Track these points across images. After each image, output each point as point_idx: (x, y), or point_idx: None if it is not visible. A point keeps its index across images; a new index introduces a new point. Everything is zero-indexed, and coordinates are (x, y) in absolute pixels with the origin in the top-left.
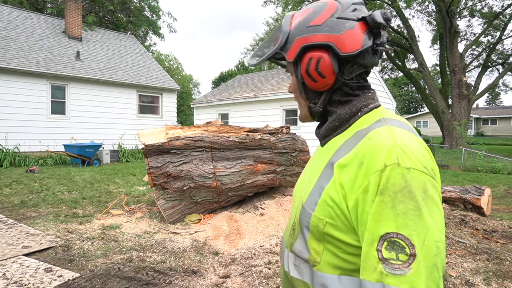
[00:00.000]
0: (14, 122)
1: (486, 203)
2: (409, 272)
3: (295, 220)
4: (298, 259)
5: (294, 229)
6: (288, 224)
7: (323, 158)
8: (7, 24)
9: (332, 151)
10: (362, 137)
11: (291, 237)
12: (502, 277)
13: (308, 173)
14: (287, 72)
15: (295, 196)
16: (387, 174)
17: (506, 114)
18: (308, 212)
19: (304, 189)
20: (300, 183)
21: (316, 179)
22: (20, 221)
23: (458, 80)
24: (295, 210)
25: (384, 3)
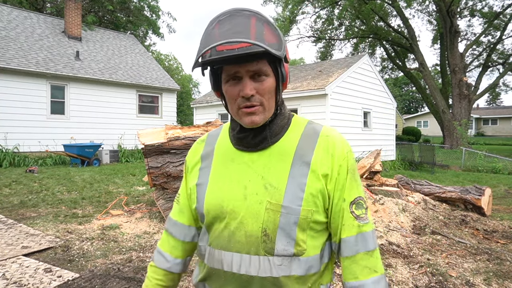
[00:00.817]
0: (14, 122)
1: (486, 203)
2: (368, 218)
3: (264, 226)
4: (282, 257)
5: (266, 235)
6: (242, 237)
7: (281, 159)
8: (6, 24)
9: (290, 151)
10: (316, 136)
11: (264, 244)
12: (502, 277)
13: (245, 180)
14: (259, 72)
15: (237, 207)
16: (349, 157)
17: (506, 114)
18: (295, 209)
19: (258, 196)
20: (232, 195)
21: (284, 180)
22: (20, 221)
23: (458, 80)
24: (257, 217)
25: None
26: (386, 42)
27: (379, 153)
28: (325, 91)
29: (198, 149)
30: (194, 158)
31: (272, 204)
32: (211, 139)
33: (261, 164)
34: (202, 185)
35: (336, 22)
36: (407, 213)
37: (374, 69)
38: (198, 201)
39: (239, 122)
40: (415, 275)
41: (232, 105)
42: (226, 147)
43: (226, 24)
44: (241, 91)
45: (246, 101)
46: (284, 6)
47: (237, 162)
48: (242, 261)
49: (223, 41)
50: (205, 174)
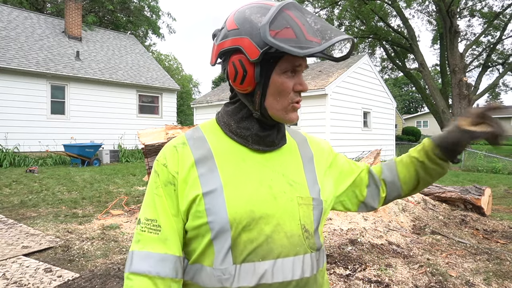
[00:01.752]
0: (14, 122)
1: (486, 203)
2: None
3: (302, 222)
4: (317, 252)
5: (306, 231)
6: (284, 240)
7: (292, 155)
8: (7, 24)
9: (296, 148)
10: (302, 135)
11: (308, 240)
12: (502, 277)
13: (267, 180)
14: (305, 67)
15: (270, 209)
16: (330, 145)
17: (506, 114)
18: (320, 200)
19: (287, 194)
20: (259, 197)
21: (303, 174)
22: (20, 221)
23: (458, 80)
24: (293, 216)
25: (384, 3)
26: (386, 42)
27: (379, 153)
28: (325, 91)
29: (184, 154)
30: (182, 165)
31: (303, 199)
32: (197, 142)
33: (277, 162)
34: (215, 192)
35: (336, 22)
36: (407, 213)
37: (374, 69)
38: (213, 212)
39: (281, 118)
40: (415, 275)
41: (282, 99)
42: (229, 148)
43: (299, 16)
44: (300, 85)
45: (299, 96)
46: None
47: (250, 162)
48: (294, 265)
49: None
50: (211, 180)
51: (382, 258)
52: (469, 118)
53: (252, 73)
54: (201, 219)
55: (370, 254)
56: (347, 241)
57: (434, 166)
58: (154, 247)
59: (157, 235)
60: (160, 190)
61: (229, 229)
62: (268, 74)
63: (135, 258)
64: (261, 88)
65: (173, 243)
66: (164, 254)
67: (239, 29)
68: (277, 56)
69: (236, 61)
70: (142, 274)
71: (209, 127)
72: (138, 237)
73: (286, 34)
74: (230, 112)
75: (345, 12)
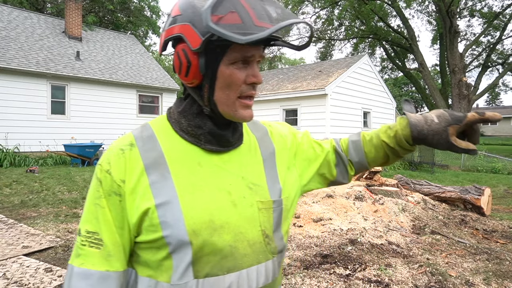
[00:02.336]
0: (14, 122)
1: (486, 203)
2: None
3: (262, 228)
4: (279, 254)
5: (267, 236)
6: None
7: (252, 154)
8: (7, 24)
9: (256, 145)
10: (262, 126)
11: (269, 245)
12: (502, 277)
13: (226, 185)
14: (260, 58)
15: (230, 218)
16: (291, 127)
17: (506, 114)
18: (280, 200)
19: (246, 199)
20: (218, 204)
21: (263, 175)
22: (20, 221)
23: (458, 80)
24: (254, 222)
25: (384, 3)
26: (386, 42)
27: None
28: (325, 91)
29: (132, 158)
30: (130, 172)
31: (263, 203)
32: (147, 142)
33: (236, 164)
34: (169, 203)
35: (336, 22)
36: (406, 213)
37: (374, 69)
38: (170, 225)
39: (231, 114)
40: (415, 274)
41: (231, 93)
42: (183, 150)
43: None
44: (253, 77)
45: (252, 89)
46: (284, 6)
47: (207, 166)
48: (258, 274)
49: (293, 20)
50: (165, 189)
51: (382, 258)
52: (457, 126)
53: (196, 64)
54: (155, 233)
55: (370, 254)
56: (347, 241)
57: (405, 150)
58: (95, 263)
59: (98, 250)
60: (102, 201)
61: (188, 243)
62: (215, 65)
63: (74, 275)
64: (209, 80)
65: (116, 259)
66: (105, 271)
67: (181, 15)
68: (225, 45)
69: (180, 51)
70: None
71: (160, 125)
72: (79, 251)
73: (230, 19)
74: (181, 109)
75: (345, 12)
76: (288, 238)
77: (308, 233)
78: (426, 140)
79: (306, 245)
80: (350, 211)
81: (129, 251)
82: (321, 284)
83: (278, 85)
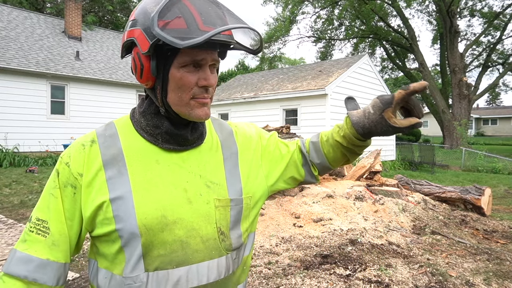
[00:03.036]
0: (14, 122)
1: (486, 203)
2: None
3: (218, 225)
4: (236, 251)
5: (222, 233)
6: (199, 245)
7: (212, 154)
8: (6, 24)
9: (218, 145)
10: (228, 128)
11: (223, 242)
12: (502, 277)
13: (182, 182)
14: (216, 63)
15: (184, 214)
16: (256, 127)
17: (506, 114)
18: (239, 199)
19: (203, 197)
20: (172, 201)
21: (222, 174)
22: (20, 221)
23: (458, 80)
24: (209, 219)
25: (384, 3)
26: (386, 42)
27: (379, 153)
28: (325, 91)
29: (91, 154)
30: (88, 166)
31: (220, 201)
32: (108, 140)
33: (194, 162)
34: (123, 198)
35: (336, 22)
36: (407, 213)
37: (374, 69)
38: (122, 219)
39: (186, 114)
40: (415, 275)
41: (183, 95)
42: (142, 148)
43: (198, 4)
44: (204, 80)
45: (204, 92)
46: (284, 6)
47: (165, 164)
48: (209, 269)
49: (235, 25)
50: (120, 184)
51: (382, 258)
52: (391, 109)
53: (148, 66)
54: (109, 226)
55: (370, 254)
56: (347, 241)
57: (359, 147)
58: (38, 250)
59: (44, 238)
60: (57, 191)
61: (139, 236)
62: (167, 68)
63: (15, 258)
64: (161, 83)
65: (60, 250)
66: (46, 259)
67: (136, 20)
68: (176, 49)
69: (135, 54)
70: (17, 277)
71: (123, 124)
72: (26, 236)
73: (176, 24)
74: (142, 109)
75: (345, 12)
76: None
77: (308, 233)
78: (371, 132)
79: (306, 245)
80: (350, 211)
81: (75, 244)
82: (321, 285)
83: (278, 85)
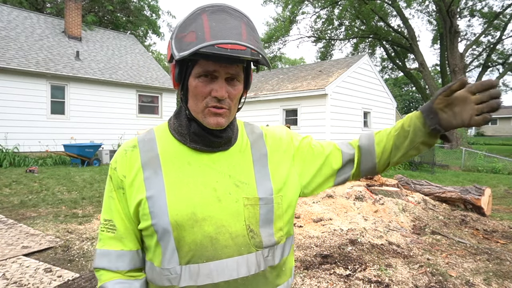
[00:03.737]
0: (14, 122)
1: (486, 203)
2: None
3: (247, 222)
4: (268, 248)
5: (251, 230)
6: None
7: (242, 156)
8: (6, 24)
9: (248, 147)
10: (260, 131)
11: (253, 239)
12: (502, 277)
13: (212, 182)
14: (235, 76)
15: (213, 212)
16: (289, 131)
17: (506, 114)
18: (270, 198)
19: (232, 195)
20: (203, 199)
21: (252, 174)
22: (20, 221)
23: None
24: (238, 216)
25: (384, 3)
26: (386, 42)
27: None
28: (325, 91)
29: (132, 157)
30: (130, 169)
31: (249, 199)
32: (147, 144)
33: (224, 163)
34: (157, 196)
35: (336, 22)
36: (407, 213)
37: (374, 69)
38: (157, 215)
39: (201, 121)
40: (415, 275)
41: (198, 102)
42: (175, 150)
43: (218, 20)
44: (215, 91)
45: (217, 102)
46: (284, 6)
47: (196, 165)
48: (238, 265)
49: (232, 41)
50: (155, 183)
51: (382, 258)
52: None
53: (173, 73)
54: (146, 221)
55: (370, 254)
56: (347, 241)
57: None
58: (111, 244)
59: (113, 233)
60: (113, 193)
61: (170, 231)
62: (187, 77)
63: (97, 255)
64: (181, 89)
65: (128, 240)
66: (120, 250)
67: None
68: (194, 60)
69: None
70: (103, 269)
71: (161, 129)
72: (100, 236)
73: (189, 37)
74: (176, 112)
75: (345, 12)
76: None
77: (308, 233)
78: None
79: (306, 245)
80: (350, 211)
81: (140, 235)
82: (321, 285)
83: (278, 85)
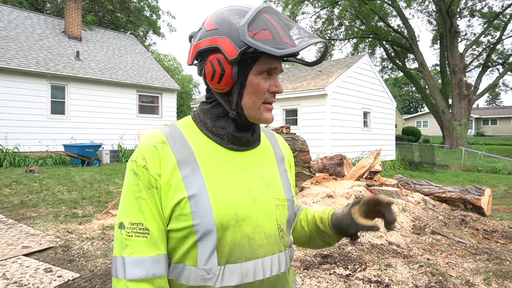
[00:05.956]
0: (14, 122)
1: (486, 203)
2: None
3: (278, 222)
4: (289, 249)
5: (282, 230)
6: (263, 240)
7: (267, 157)
8: (7, 24)
9: (270, 149)
10: (273, 134)
11: (282, 239)
12: (502, 277)
13: (247, 182)
14: (281, 70)
15: (251, 211)
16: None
17: (506, 114)
18: (293, 200)
19: (265, 196)
20: (241, 199)
21: (278, 175)
22: (20, 221)
23: (458, 80)
24: (271, 216)
25: (384, 3)
26: (386, 42)
27: (379, 153)
28: (325, 91)
29: (164, 154)
30: (164, 166)
31: (279, 200)
32: (177, 140)
33: (255, 163)
34: (200, 196)
35: (336, 22)
36: (407, 213)
37: (374, 69)
38: (199, 215)
39: (256, 117)
40: (415, 275)
41: (256, 99)
42: (209, 148)
43: (275, 18)
44: (274, 87)
45: (273, 97)
46: (284, 6)
47: (231, 164)
48: (272, 263)
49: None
50: (195, 182)
51: (382, 258)
52: (358, 206)
53: (229, 72)
54: (186, 222)
55: (370, 254)
56: (347, 241)
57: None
58: (145, 250)
59: (146, 238)
60: (143, 193)
61: (214, 232)
62: (245, 74)
63: (128, 265)
64: (239, 87)
65: (162, 243)
66: (156, 255)
67: (217, 29)
68: (255, 57)
69: (214, 60)
70: (140, 279)
71: (186, 125)
72: (125, 242)
73: (263, 35)
74: (206, 111)
75: (345, 12)
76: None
77: None
78: (340, 222)
79: None
80: None
81: (165, 240)
82: (321, 284)
83: None
